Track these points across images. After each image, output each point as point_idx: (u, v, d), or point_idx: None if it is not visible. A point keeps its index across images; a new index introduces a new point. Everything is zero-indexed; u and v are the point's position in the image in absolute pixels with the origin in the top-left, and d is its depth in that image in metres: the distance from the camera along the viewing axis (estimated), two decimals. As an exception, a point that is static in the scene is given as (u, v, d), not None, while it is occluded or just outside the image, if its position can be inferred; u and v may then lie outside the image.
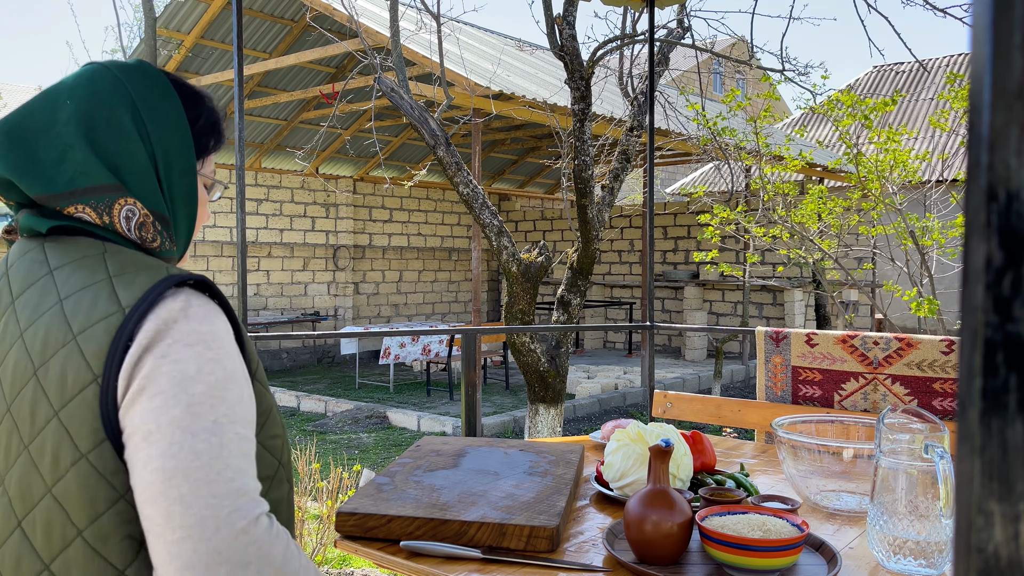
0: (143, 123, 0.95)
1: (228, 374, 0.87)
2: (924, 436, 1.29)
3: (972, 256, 0.33)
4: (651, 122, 3.62)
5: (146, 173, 0.94)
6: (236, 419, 0.85)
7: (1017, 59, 0.32)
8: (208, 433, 0.82)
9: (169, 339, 0.85)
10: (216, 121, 1.05)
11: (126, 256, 0.92)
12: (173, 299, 0.88)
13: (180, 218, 1.00)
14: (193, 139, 1.00)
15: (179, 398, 0.82)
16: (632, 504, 1.32)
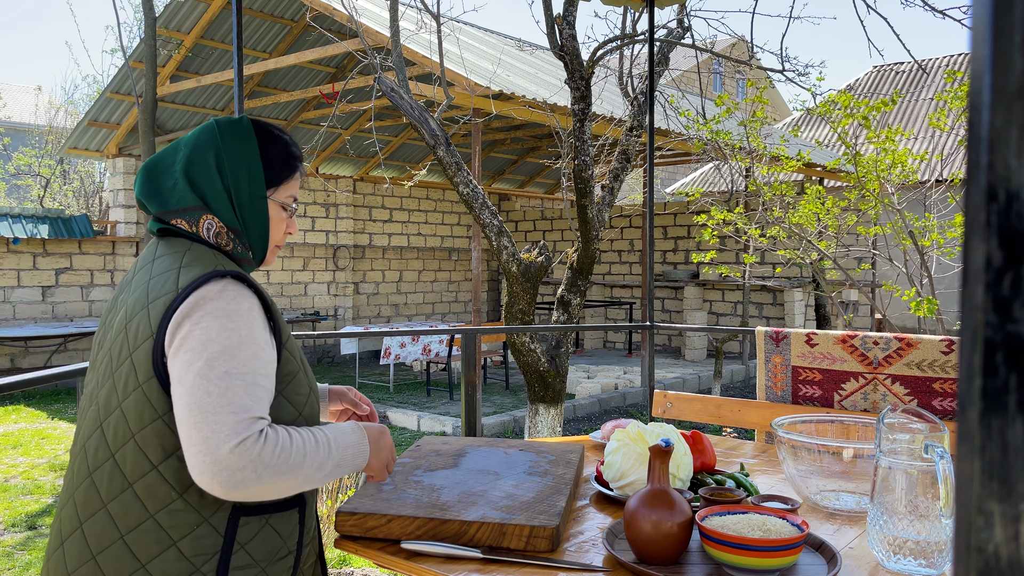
0: (224, 163, 1.34)
1: (242, 339, 1.20)
2: (924, 436, 1.29)
3: (972, 256, 0.33)
4: (651, 122, 3.62)
5: (222, 198, 1.34)
6: (245, 371, 1.19)
7: (1017, 59, 0.32)
8: (219, 379, 1.17)
9: (201, 312, 1.21)
10: (287, 158, 1.41)
11: (198, 254, 1.30)
12: (213, 284, 1.23)
13: (252, 231, 1.37)
14: (264, 172, 1.37)
15: (201, 355, 1.18)
16: (632, 504, 1.32)
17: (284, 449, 1.18)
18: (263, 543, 1.25)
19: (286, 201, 1.41)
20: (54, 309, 9.93)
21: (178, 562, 1.19)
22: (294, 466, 1.19)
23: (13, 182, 18.62)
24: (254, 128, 1.40)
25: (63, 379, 2.07)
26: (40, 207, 12.88)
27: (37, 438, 6.89)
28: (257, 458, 1.15)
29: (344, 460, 1.29)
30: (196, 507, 1.21)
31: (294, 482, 1.20)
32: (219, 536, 1.21)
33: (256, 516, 1.24)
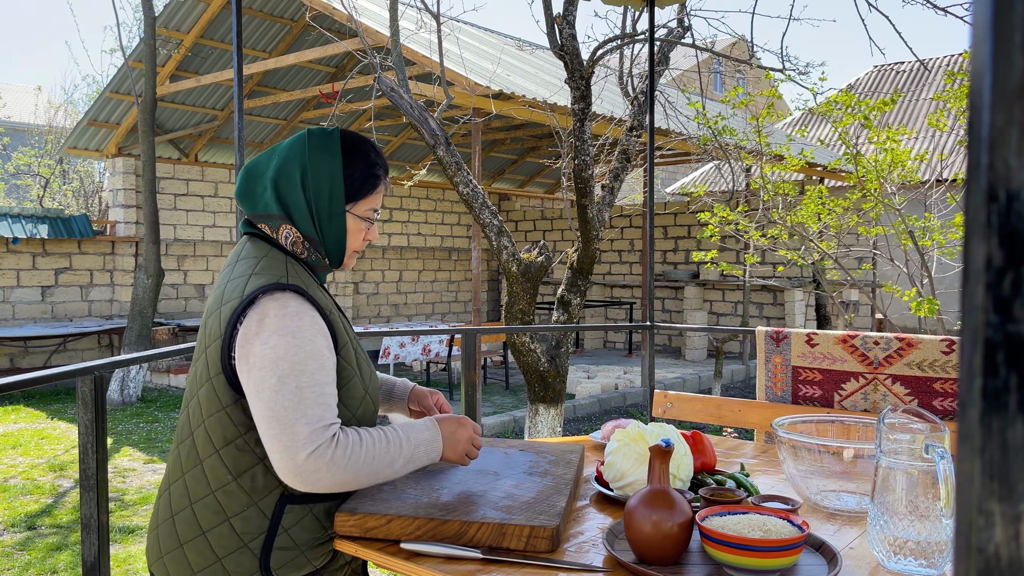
0: (308, 178, 1.44)
1: (308, 354, 1.34)
2: (924, 436, 1.29)
3: (972, 256, 0.33)
4: (651, 122, 3.62)
5: (303, 211, 1.45)
6: (313, 383, 1.33)
7: (1017, 59, 0.32)
8: (291, 394, 1.31)
9: (268, 331, 1.34)
10: (369, 175, 1.49)
11: (272, 262, 1.43)
12: (274, 300, 1.36)
13: (330, 242, 1.48)
14: (345, 188, 1.47)
15: (274, 372, 1.32)
16: (632, 504, 1.32)
17: (354, 451, 1.34)
18: (304, 529, 1.39)
19: (366, 214, 1.51)
20: (53, 309, 9.93)
21: (230, 536, 1.37)
22: (364, 465, 1.35)
23: (13, 182, 18.63)
24: (343, 142, 1.48)
25: (63, 379, 2.07)
26: (40, 207, 12.89)
27: (37, 438, 6.89)
28: (330, 462, 1.31)
29: (416, 456, 1.42)
30: (248, 491, 1.37)
31: (366, 479, 1.36)
32: (266, 519, 1.37)
33: (301, 505, 1.39)
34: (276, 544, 1.37)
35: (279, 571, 1.37)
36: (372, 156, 1.50)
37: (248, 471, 1.38)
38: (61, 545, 4.38)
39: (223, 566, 1.36)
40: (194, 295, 11.12)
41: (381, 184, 1.51)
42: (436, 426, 1.47)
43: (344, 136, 1.50)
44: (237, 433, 1.38)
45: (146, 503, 5.12)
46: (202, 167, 11.24)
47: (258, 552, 1.36)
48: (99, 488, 2.07)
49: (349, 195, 1.47)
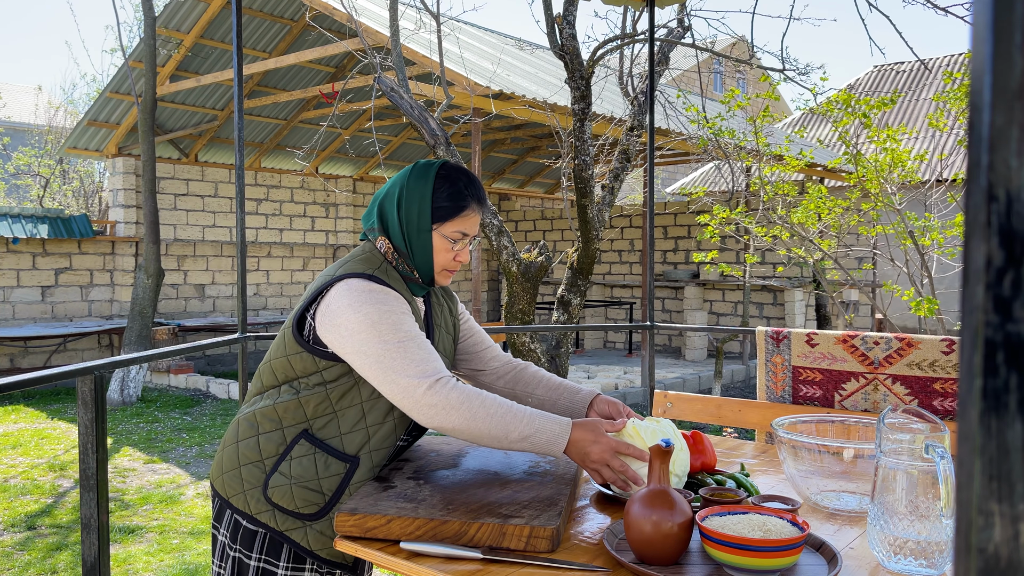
0: (403, 199, 1.67)
1: (399, 316, 1.55)
2: (925, 436, 1.29)
3: (972, 256, 0.33)
4: (651, 122, 3.62)
5: (396, 226, 1.67)
6: (412, 336, 1.54)
7: (1017, 59, 0.32)
8: (396, 346, 1.52)
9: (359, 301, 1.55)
10: (455, 200, 1.66)
11: (370, 257, 1.67)
12: (359, 280, 1.58)
13: (417, 256, 1.67)
14: (432, 210, 1.65)
15: (374, 333, 1.52)
16: (632, 504, 1.32)
17: (469, 398, 1.49)
18: (302, 466, 1.58)
19: (452, 235, 1.67)
20: (53, 309, 9.93)
21: (254, 448, 1.62)
22: (476, 416, 1.49)
23: (12, 182, 18.62)
24: (440, 170, 1.68)
25: (63, 379, 2.07)
26: (40, 207, 12.89)
27: (37, 438, 6.89)
28: (445, 399, 1.49)
29: (535, 440, 1.51)
30: (280, 417, 1.62)
31: (479, 430, 1.50)
32: (284, 444, 1.60)
33: (311, 444, 1.59)
34: (280, 468, 1.58)
35: (271, 492, 1.58)
36: (461, 184, 1.68)
37: (286, 402, 1.61)
38: (61, 545, 4.38)
39: (240, 473, 1.62)
40: (194, 295, 11.12)
41: (468, 209, 1.67)
42: (568, 427, 1.52)
43: (443, 166, 1.70)
44: (292, 375, 1.63)
45: (146, 503, 5.12)
46: (202, 167, 11.24)
47: (267, 468, 1.59)
48: (99, 488, 2.07)
49: (437, 216, 1.66)
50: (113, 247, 10.46)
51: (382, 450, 1.63)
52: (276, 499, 1.57)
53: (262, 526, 1.59)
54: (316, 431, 1.60)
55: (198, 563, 4.09)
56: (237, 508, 1.61)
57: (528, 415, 1.52)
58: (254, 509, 1.59)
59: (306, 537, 1.57)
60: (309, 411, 1.60)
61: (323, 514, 1.57)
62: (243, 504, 1.60)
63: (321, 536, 1.57)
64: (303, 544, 1.57)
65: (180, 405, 8.47)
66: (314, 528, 1.57)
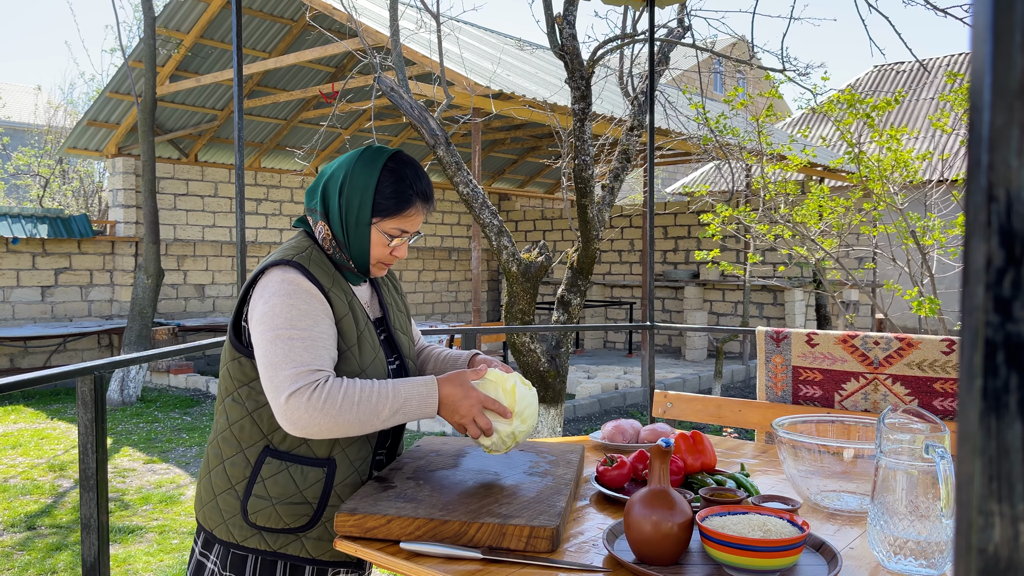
0: (346, 186, 1.58)
1: (301, 312, 1.48)
2: (925, 436, 1.29)
3: (972, 256, 0.33)
4: (651, 121, 3.62)
5: (336, 215, 1.59)
6: (304, 336, 1.46)
7: (1017, 59, 0.32)
8: (283, 343, 1.45)
9: (269, 291, 1.50)
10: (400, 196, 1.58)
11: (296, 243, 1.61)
12: (278, 269, 1.53)
13: (353, 248, 1.60)
14: (373, 205, 1.57)
15: (270, 326, 1.47)
16: (632, 504, 1.32)
17: (332, 395, 1.43)
18: (278, 484, 1.52)
19: (392, 232, 1.60)
20: (53, 309, 9.93)
21: (223, 476, 1.55)
22: (344, 410, 1.43)
23: (12, 182, 18.62)
24: (388, 161, 1.60)
25: (63, 379, 2.07)
26: (39, 207, 12.88)
27: (36, 438, 6.89)
28: (308, 402, 1.41)
29: (407, 408, 1.49)
30: (238, 439, 1.55)
31: (348, 425, 1.44)
32: (249, 466, 1.53)
33: (278, 460, 1.53)
34: (254, 491, 1.52)
35: (254, 516, 1.52)
36: (408, 181, 1.59)
37: (239, 421, 1.55)
38: (61, 545, 4.38)
39: (217, 503, 1.56)
40: (194, 295, 11.12)
41: (412, 208, 1.59)
42: (434, 384, 1.52)
43: (392, 157, 1.61)
44: (234, 387, 1.57)
45: (146, 503, 5.12)
46: (202, 167, 11.24)
47: (240, 495, 1.53)
48: (99, 488, 2.07)
49: (377, 211, 1.58)
50: (113, 247, 10.46)
51: (356, 444, 1.57)
52: (261, 522, 1.52)
53: (251, 551, 1.53)
54: (278, 444, 1.53)
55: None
56: (222, 540, 1.55)
57: (393, 388, 1.49)
58: (239, 537, 1.53)
59: (304, 548, 1.53)
60: (264, 426, 1.53)
61: (315, 522, 1.53)
62: (227, 535, 1.54)
63: (319, 543, 1.53)
64: (302, 555, 1.53)
65: (180, 405, 8.47)
66: (310, 537, 1.53)
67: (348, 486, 1.56)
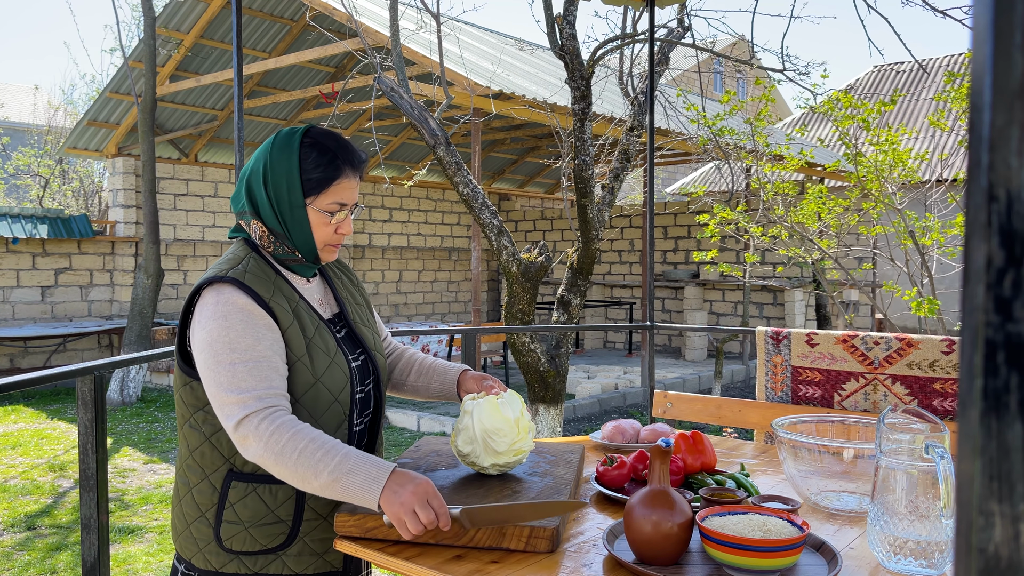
0: (269, 174, 1.51)
1: (239, 333, 1.41)
2: (925, 436, 1.29)
3: (973, 256, 0.33)
4: (651, 122, 3.62)
5: (266, 206, 1.52)
6: (246, 358, 1.40)
7: (1017, 59, 0.32)
8: (226, 370, 1.40)
9: (204, 316, 1.44)
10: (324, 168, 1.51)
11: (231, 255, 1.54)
12: (210, 290, 1.46)
13: (295, 235, 1.52)
14: (302, 182, 1.50)
15: (210, 352, 1.41)
16: (632, 504, 1.32)
17: (278, 433, 1.35)
18: (247, 507, 1.46)
19: (329, 208, 1.52)
20: (53, 309, 9.93)
21: (192, 505, 1.50)
22: (285, 454, 1.34)
23: (12, 182, 18.62)
24: (304, 138, 1.52)
25: (63, 379, 2.07)
26: (39, 207, 12.88)
27: (36, 438, 6.88)
28: (256, 431, 1.36)
29: (347, 483, 1.32)
30: (200, 466, 1.50)
31: (285, 470, 1.35)
32: (216, 492, 1.48)
33: (244, 483, 1.47)
34: (224, 517, 1.47)
35: (229, 542, 1.47)
36: (331, 151, 1.52)
37: (199, 447, 1.50)
38: (61, 545, 4.38)
39: (191, 532, 1.50)
40: (194, 295, 11.11)
41: (341, 177, 1.52)
42: (389, 470, 1.33)
43: (307, 132, 1.54)
44: (189, 413, 1.51)
45: (146, 503, 5.12)
46: (202, 167, 11.24)
47: (212, 522, 1.47)
48: (99, 488, 2.07)
49: (308, 189, 1.51)
50: (113, 247, 10.46)
51: None
52: (236, 547, 1.46)
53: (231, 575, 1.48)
54: (241, 467, 1.47)
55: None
56: (201, 569, 1.49)
57: (344, 455, 1.33)
58: (216, 564, 1.47)
59: (285, 566, 1.47)
60: (224, 450, 1.47)
61: (293, 539, 1.47)
62: (204, 563, 1.48)
63: (300, 558, 1.48)
64: (285, 573, 1.48)
65: (180, 405, 8.47)
66: (290, 554, 1.47)
67: (322, 499, 1.48)
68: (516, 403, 1.63)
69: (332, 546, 1.48)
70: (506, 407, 1.61)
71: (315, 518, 1.49)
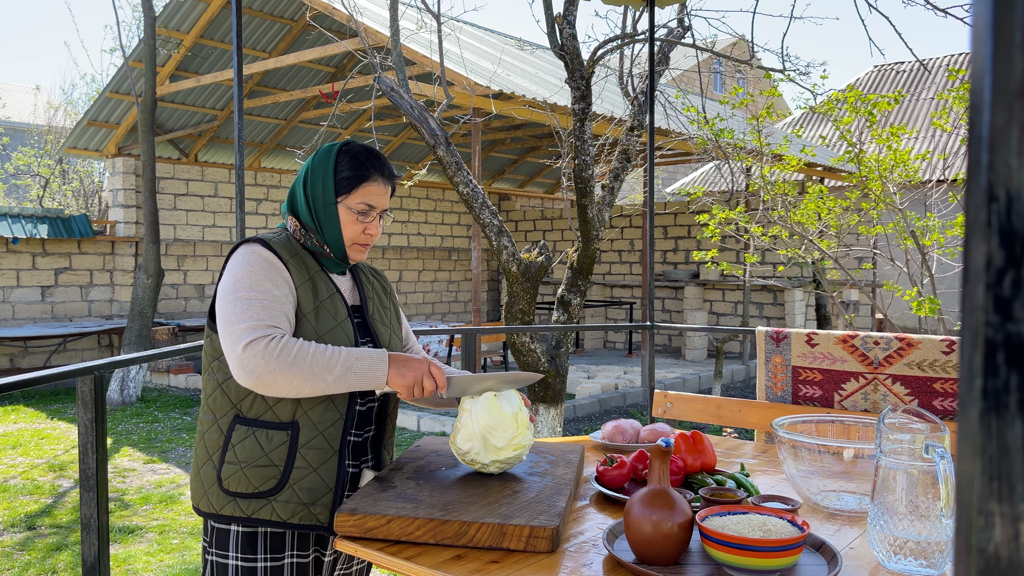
0: (308, 177, 1.72)
1: (260, 276, 1.60)
2: (924, 436, 1.29)
3: (973, 256, 0.33)
4: (651, 122, 3.62)
5: (302, 204, 1.73)
6: (262, 297, 1.57)
7: (1017, 59, 0.32)
8: (241, 302, 1.57)
9: (233, 264, 1.63)
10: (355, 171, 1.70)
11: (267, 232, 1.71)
12: (242, 247, 1.65)
13: (326, 231, 1.71)
14: (335, 182, 1.70)
15: (231, 289, 1.59)
16: (632, 504, 1.32)
17: (287, 347, 1.52)
18: (245, 448, 1.60)
19: (357, 207, 1.70)
20: (53, 309, 9.93)
21: (203, 449, 1.66)
22: (298, 360, 1.51)
23: (12, 182, 18.62)
24: (347, 148, 1.74)
25: (63, 379, 2.07)
26: (39, 207, 12.88)
27: (36, 438, 6.89)
28: (263, 351, 1.50)
29: (358, 369, 1.55)
30: (212, 411, 1.66)
31: (301, 377, 1.51)
32: (223, 435, 1.63)
33: (246, 427, 1.62)
34: (226, 459, 1.61)
35: (227, 482, 1.61)
36: (363, 158, 1.72)
37: (212, 394, 1.66)
38: (61, 545, 4.38)
39: (201, 477, 1.66)
40: (194, 295, 11.12)
41: (370, 181, 1.70)
42: (385, 353, 1.60)
43: (345, 144, 1.75)
44: (208, 362, 1.68)
45: (146, 503, 5.12)
46: (202, 167, 11.24)
47: (216, 464, 1.63)
48: (99, 488, 2.07)
49: (340, 188, 1.70)
50: (113, 247, 10.46)
51: (319, 407, 1.62)
52: (232, 487, 1.60)
53: (231, 520, 1.61)
54: (246, 412, 1.62)
55: (198, 563, 4.09)
56: (205, 512, 1.64)
57: (347, 350, 1.57)
58: (217, 505, 1.62)
59: (274, 512, 1.59)
60: (232, 396, 1.63)
61: (282, 486, 1.59)
62: (208, 505, 1.63)
63: (287, 505, 1.59)
64: (274, 519, 1.59)
65: (180, 405, 8.46)
66: (279, 500, 1.59)
67: (313, 449, 1.61)
68: (514, 399, 1.65)
69: (319, 499, 1.61)
70: (504, 403, 1.62)
71: (305, 467, 1.60)
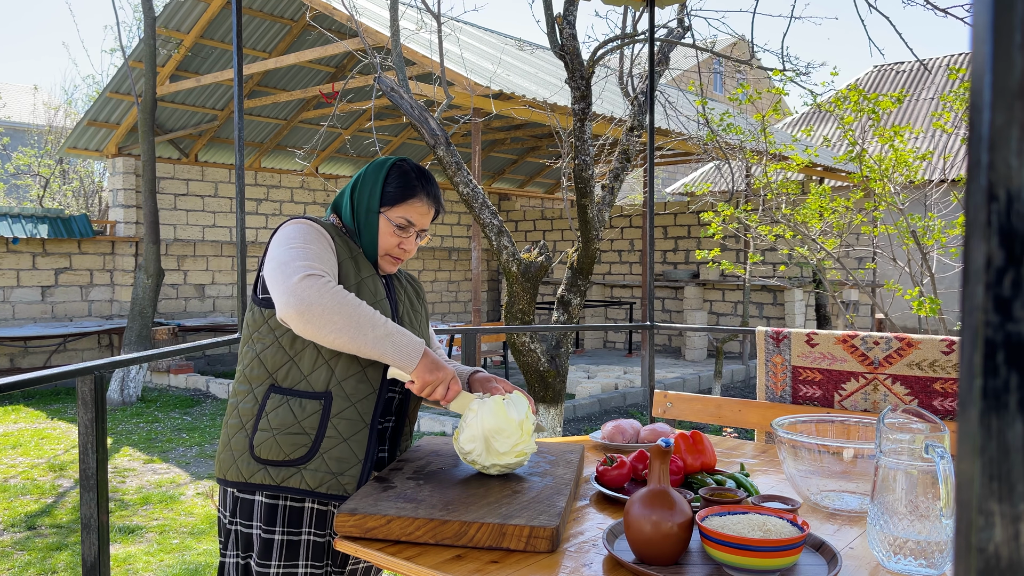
0: (358, 184, 1.83)
1: (313, 239, 1.68)
2: (924, 436, 1.29)
3: (973, 256, 0.33)
4: (651, 122, 3.62)
5: (347, 208, 1.83)
6: (316, 253, 1.65)
7: (1017, 59, 0.32)
8: (296, 250, 1.63)
9: (283, 231, 1.71)
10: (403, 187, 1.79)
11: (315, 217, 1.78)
12: (291, 220, 1.74)
13: (363, 236, 1.80)
14: (381, 194, 1.79)
15: (283, 242, 1.66)
16: (632, 504, 1.32)
17: (342, 291, 1.57)
18: (279, 416, 1.65)
19: (397, 220, 1.78)
20: (53, 309, 9.93)
21: (237, 418, 1.71)
22: (349, 304, 1.56)
23: (12, 182, 18.62)
24: (400, 164, 1.83)
25: (63, 379, 2.07)
26: (39, 207, 12.88)
27: (37, 438, 6.89)
28: (320, 285, 1.55)
29: (397, 341, 1.60)
30: (249, 380, 1.71)
31: (345, 320, 1.55)
32: (257, 403, 1.69)
33: (280, 395, 1.67)
34: (260, 426, 1.66)
35: (258, 450, 1.65)
36: (413, 176, 1.81)
37: (250, 363, 1.71)
38: (61, 545, 4.38)
39: (231, 447, 1.69)
40: (194, 295, 11.12)
41: (415, 198, 1.78)
42: (423, 347, 1.65)
43: (400, 159, 1.85)
44: (248, 333, 1.74)
45: (146, 503, 5.12)
46: (202, 167, 11.24)
47: (249, 432, 1.67)
48: (99, 488, 2.07)
49: (385, 200, 1.78)
50: (113, 247, 10.46)
51: (352, 380, 1.67)
52: (264, 455, 1.64)
53: (257, 488, 1.65)
54: (281, 382, 1.68)
55: (198, 563, 4.09)
56: (231, 481, 1.68)
57: (392, 323, 1.63)
58: (246, 473, 1.65)
59: (303, 480, 1.63)
60: (269, 365, 1.68)
61: (313, 454, 1.64)
62: (236, 474, 1.67)
63: (316, 474, 1.63)
64: (302, 487, 1.63)
65: (180, 405, 8.46)
66: (308, 469, 1.63)
67: (345, 420, 1.66)
68: (523, 405, 1.65)
69: (347, 469, 1.65)
70: (511, 408, 1.62)
71: (336, 436, 1.65)
